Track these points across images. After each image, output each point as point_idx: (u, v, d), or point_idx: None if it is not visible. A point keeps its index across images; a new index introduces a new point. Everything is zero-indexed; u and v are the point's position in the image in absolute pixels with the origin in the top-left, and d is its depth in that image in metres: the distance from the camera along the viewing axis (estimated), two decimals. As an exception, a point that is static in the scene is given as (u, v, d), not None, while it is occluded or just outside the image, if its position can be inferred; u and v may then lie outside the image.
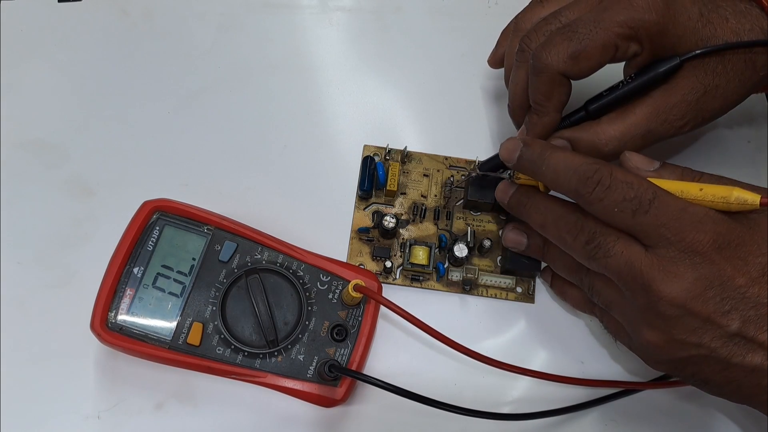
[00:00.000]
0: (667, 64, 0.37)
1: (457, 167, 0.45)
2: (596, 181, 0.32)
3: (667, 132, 0.38)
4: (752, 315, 0.31)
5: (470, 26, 0.50)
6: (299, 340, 0.38)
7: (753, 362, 0.31)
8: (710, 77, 0.37)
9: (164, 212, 0.39)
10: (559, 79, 0.37)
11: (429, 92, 0.48)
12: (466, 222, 0.44)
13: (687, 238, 0.31)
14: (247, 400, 0.39)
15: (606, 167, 0.32)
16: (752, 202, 0.31)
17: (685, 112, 0.37)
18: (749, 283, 0.31)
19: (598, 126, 0.38)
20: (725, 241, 0.31)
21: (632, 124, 0.37)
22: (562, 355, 0.42)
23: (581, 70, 0.37)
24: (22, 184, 0.43)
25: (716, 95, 0.37)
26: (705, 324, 0.31)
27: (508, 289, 0.43)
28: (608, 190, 0.32)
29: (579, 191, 0.33)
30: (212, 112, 0.46)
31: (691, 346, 0.32)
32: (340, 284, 0.39)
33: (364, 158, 0.44)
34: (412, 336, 0.41)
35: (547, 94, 0.37)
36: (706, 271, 0.31)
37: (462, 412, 0.35)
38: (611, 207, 0.32)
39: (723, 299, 0.31)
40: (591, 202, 0.33)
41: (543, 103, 0.38)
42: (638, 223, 0.32)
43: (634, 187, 0.32)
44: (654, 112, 0.37)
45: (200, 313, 0.37)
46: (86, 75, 0.47)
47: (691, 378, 0.34)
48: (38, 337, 0.40)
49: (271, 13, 0.50)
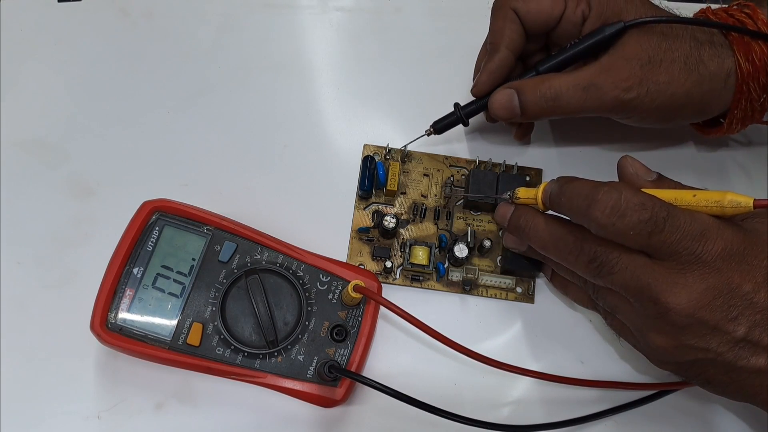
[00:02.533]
0: (612, 27, 0.39)
1: (457, 167, 0.45)
2: (609, 206, 0.31)
3: (610, 90, 0.39)
4: (758, 319, 0.31)
5: (470, 26, 0.50)
6: (299, 341, 0.38)
7: (757, 365, 0.31)
8: (654, 50, 0.39)
9: (164, 212, 0.39)
10: (511, 15, 0.40)
11: (428, 92, 0.48)
12: (466, 222, 0.44)
13: (695, 250, 0.31)
14: (247, 400, 0.39)
15: (616, 189, 0.32)
16: (745, 204, 0.30)
17: (629, 75, 0.39)
18: (756, 289, 0.31)
19: (543, 77, 0.40)
20: (731, 249, 0.31)
21: (576, 76, 0.39)
22: (562, 355, 0.42)
23: (530, 10, 0.40)
24: (22, 184, 0.43)
25: (661, 68, 0.39)
26: (713, 331, 0.31)
27: (508, 289, 0.43)
28: (622, 216, 0.31)
29: (590, 216, 0.32)
30: (212, 112, 0.46)
31: (698, 351, 0.32)
32: (339, 284, 0.39)
33: (364, 158, 0.44)
34: (412, 336, 0.41)
35: (500, 31, 0.41)
36: (714, 280, 0.31)
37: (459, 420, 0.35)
38: (627, 230, 0.31)
39: (731, 306, 0.31)
40: (605, 227, 0.32)
41: (495, 40, 0.41)
42: (653, 243, 0.31)
43: (647, 207, 0.31)
44: (599, 69, 0.39)
45: (200, 313, 0.37)
46: (86, 75, 0.47)
47: (695, 378, 0.34)
48: (38, 337, 0.40)
49: (271, 13, 0.50)
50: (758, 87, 0.40)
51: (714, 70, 0.39)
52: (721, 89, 0.40)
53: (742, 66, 0.39)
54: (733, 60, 0.39)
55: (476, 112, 0.43)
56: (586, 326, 0.42)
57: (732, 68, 0.39)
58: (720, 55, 0.39)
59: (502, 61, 0.41)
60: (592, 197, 0.32)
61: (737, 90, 0.40)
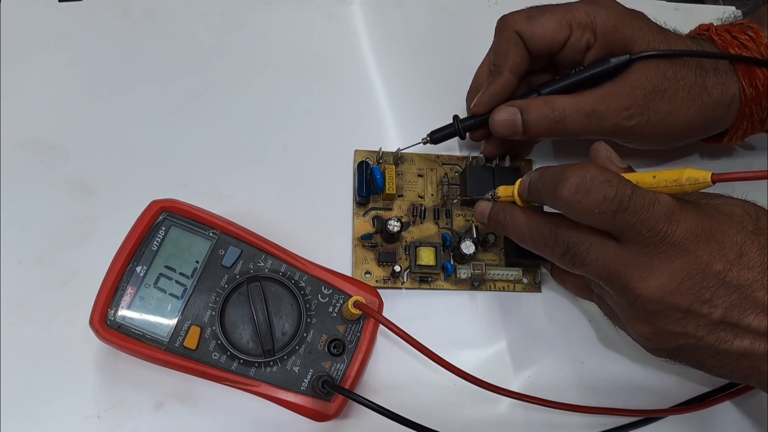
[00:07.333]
0: (618, 59, 0.40)
1: (449, 164, 0.45)
2: (575, 183, 0.31)
3: (611, 117, 0.39)
4: (735, 299, 0.31)
5: (470, 25, 0.50)
6: (296, 352, 0.37)
7: (741, 347, 0.31)
8: (659, 79, 0.39)
9: (171, 213, 0.38)
10: (515, 38, 0.40)
11: (427, 91, 0.48)
12: (466, 219, 0.44)
13: (661, 230, 0.31)
14: (246, 401, 0.39)
15: (583, 167, 0.32)
16: (703, 179, 0.30)
17: (630, 104, 0.39)
18: (727, 268, 0.31)
19: (549, 98, 0.40)
20: (697, 228, 0.31)
21: (579, 101, 0.39)
22: (562, 355, 0.42)
23: (534, 34, 0.40)
24: (22, 184, 0.43)
25: (664, 98, 0.39)
26: (687, 315, 0.31)
27: (515, 281, 0.43)
28: (587, 193, 0.31)
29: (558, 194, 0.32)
30: (212, 112, 0.46)
31: (678, 336, 0.32)
32: (341, 298, 0.39)
33: (359, 164, 0.44)
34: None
35: (504, 54, 0.41)
36: (681, 262, 0.31)
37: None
38: (592, 208, 0.31)
39: (702, 288, 0.31)
40: (570, 204, 0.32)
41: (499, 62, 0.41)
42: (618, 222, 0.31)
43: (613, 184, 0.31)
44: (601, 97, 0.39)
45: (199, 316, 0.37)
46: (86, 75, 0.46)
47: (687, 362, 0.34)
48: (38, 337, 0.40)
49: (270, 10, 0.49)
50: (760, 109, 0.40)
51: (718, 97, 0.40)
52: (723, 115, 0.41)
53: (746, 92, 0.40)
54: (738, 86, 0.40)
55: (474, 127, 0.43)
56: (591, 314, 0.43)
57: (736, 94, 0.40)
58: (724, 83, 0.40)
59: (505, 85, 0.41)
60: (561, 176, 0.32)
61: (740, 114, 0.41)
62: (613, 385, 0.42)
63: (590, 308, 0.43)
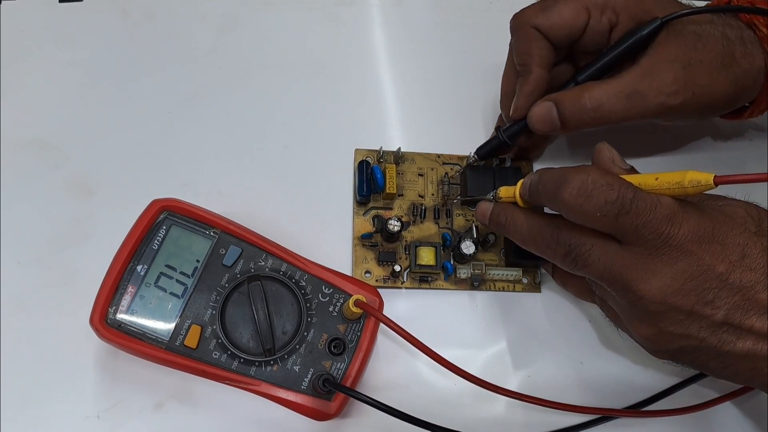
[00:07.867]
0: (648, 26, 0.38)
1: (450, 164, 0.45)
2: (576, 187, 0.31)
3: (655, 96, 0.38)
4: (738, 301, 0.30)
5: (470, 23, 0.50)
6: (296, 351, 0.37)
7: (744, 348, 0.31)
8: (692, 51, 0.38)
9: (172, 212, 0.38)
10: (534, 33, 0.39)
11: (427, 90, 0.48)
12: (466, 218, 0.44)
13: (663, 232, 0.31)
14: (247, 401, 0.39)
15: (584, 171, 0.32)
16: (706, 182, 0.30)
17: (673, 79, 0.38)
18: (730, 269, 0.31)
19: (583, 86, 0.39)
20: (700, 230, 0.31)
21: (617, 83, 0.38)
22: (562, 355, 0.42)
23: (552, 25, 0.39)
24: (22, 184, 0.43)
25: (702, 71, 0.38)
26: (689, 316, 0.31)
27: (515, 281, 0.43)
28: (589, 197, 0.31)
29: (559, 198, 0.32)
30: (212, 112, 0.46)
31: (680, 338, 0.32)
32: (341, 297, 0.39)
33: (359, 163, 0.44)
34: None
35: (527, 50, 0.39)
36: (684, 264, 0.31)
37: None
38: (594, 211, 0.31)
39: (705, 289, 0.31)
40: (572, 208, 0.32)
41: (525, 61, 0.40)
42: (620, 225, 0.31)
43: (614, 187, 0.31)
44: (641, 73, 0.38)
45: (199, 315, 0.37)
46: (87, 75, 0.46)
47: (689, 364, 0.34)
48: (38, 337, 0.40)
49: (270, 10, 0.50)
50: None
51: (746, 68, 0.39)
52: (751, 86, 0.40)
53: None
54: (764, 57, 0.39)
55: (518, 132, 0.42)
56: (591, 315, 0.43)
57: (762, 66, 0.39)
58: (752, 53, 0.39)
59: (537, 81, 0.40)
60: (562, 179, 0.32)
61: (765, 86, 0.40)
62: (613, 386, 0.42)
63: (590, 309, 0.43)
